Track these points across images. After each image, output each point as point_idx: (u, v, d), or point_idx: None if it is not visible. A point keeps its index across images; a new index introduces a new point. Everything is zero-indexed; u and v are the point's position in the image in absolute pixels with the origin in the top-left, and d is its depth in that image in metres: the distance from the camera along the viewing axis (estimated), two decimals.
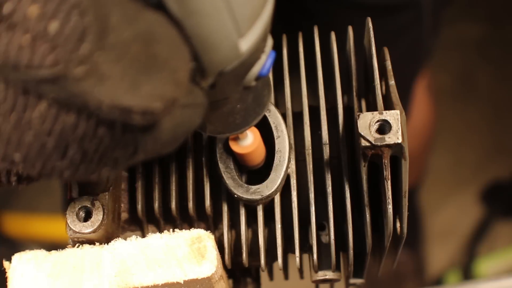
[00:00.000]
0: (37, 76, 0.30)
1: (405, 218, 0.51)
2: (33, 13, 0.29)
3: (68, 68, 0.30)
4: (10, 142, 0.33)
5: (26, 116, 0.32)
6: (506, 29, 1.91)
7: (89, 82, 0.30)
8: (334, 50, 0.56)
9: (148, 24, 0.32)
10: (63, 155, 0.33)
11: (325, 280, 0.55)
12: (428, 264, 1.68)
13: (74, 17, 0.30)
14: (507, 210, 1.74)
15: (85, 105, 0.31)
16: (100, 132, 0.33)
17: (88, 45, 0.30)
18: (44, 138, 0.33)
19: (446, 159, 1.79)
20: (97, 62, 0.30)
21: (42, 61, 0.30)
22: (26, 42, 0.29)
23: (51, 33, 0.30)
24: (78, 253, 0.47)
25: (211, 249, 0.46)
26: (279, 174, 0.51)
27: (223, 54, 0.36)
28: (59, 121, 0.32)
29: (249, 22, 0.36)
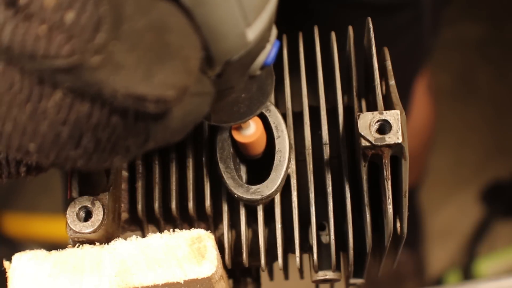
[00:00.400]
0: (53, 66, 0.30)
1: (405, 218, 0.51)
2: (50, 4, 0.30)
3: (84, 58, 0.30)
4: (25, 132, 0.33)
5: (41, 106, 0.32)
6: (506, 29, 1.91)
7: (104, 71, 0.31)
8: (334, 50, 0.56)
9: (161, 13, 0.33)
10: (77, 144, 0.34)
11: (325, 280, 0.55)
12: (428, 264, 1.68)
13: (89, 7, 0.30)
14: (507, 210, 1.74)
15: (100, 93, 0.31)
16: (114, 121, 0.33)
17: (104, 35, 0.30)
18: (59, 127, 0.33)
19: (446, 159, 1.79)
20: (112, 52, 0.31)
21: (59, 51, 0.30)
22: (42, 32, 0.30)
23: (67, 23, 0.30)
24: (78, 253, 0.47)
25: (211, 249, 0.46)
26: (279, 174, 0.51)
27: (231, 43, 0.37)
28: (74, 110, 0.32)
29: (256, 11, 0.37)
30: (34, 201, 1.76)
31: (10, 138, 0.33)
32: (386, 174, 0.46)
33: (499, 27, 1.92)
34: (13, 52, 0.30)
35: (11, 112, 0.32)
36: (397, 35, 1.06)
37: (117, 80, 0.31)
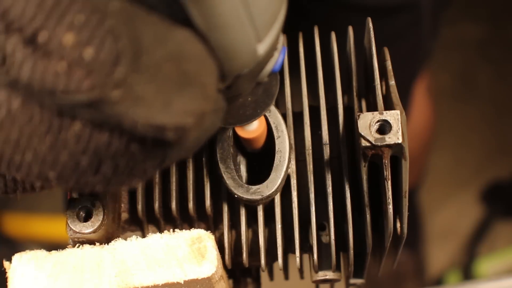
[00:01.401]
0: (73, 101, 0.30)
1: (405, 218, 0.51)
2: (69, 41, 0.30)
3: (104, 92, 0.30)
4: (45, 161, 0.33)
5: (61, 136, 0.32)
6: (507, 29, 1.91)
7: (124, 104, 0.31)
8: (334, 50, 0.56)
9: (178, 42, 0.33)
10: (97, 170, 0.34)
11: (326, 280, 0.55)
12: (428, 264, 1.68)
13: (108, 42, 0.30)
14: (507, 210, 1.74)
15: (120, 125, 0.32)
16: (132, 148, 0.33)
17: (123, 69, 0.30)
18: (78, 156, 0.33)
19: (446, 159, 1.79)
20: (132, 84, 0.31)
21: (78, 86, 0.30)
22: (62, 69, 0.30)
23: (86, 59, 0.30)
24: (78, 253, 0.47)
25: (211, 249, 0.46)
26: (279, 174, 0.51)
27: (243, 59, 0.37)
28: (93, 140, 0.33)
29: (267, 27, 0.37)
30: (34, 201, 1.76)
31: (30, 167, 0.33)
32: (386, 174, 0.46)
33: (499, 27, 1.92)
34: (32, 88, 0.30)
35: (31, 143, 0.32)
36: (397, 37, 1.07)
37: (137, 112, 0.31)
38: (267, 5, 0.36)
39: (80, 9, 0.30)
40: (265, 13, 0.36)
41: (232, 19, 0.34)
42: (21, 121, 0.32)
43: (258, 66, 0.39)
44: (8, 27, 0.30)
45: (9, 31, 0.30)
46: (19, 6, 0.30)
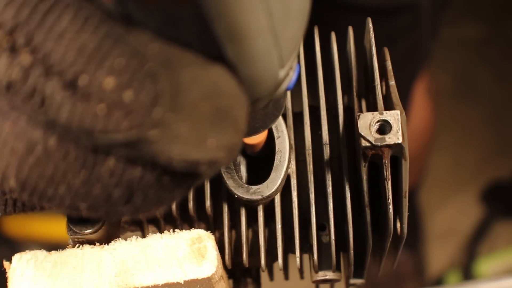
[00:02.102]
0: (111, 140, 0.31)
1: (405, 218, 0.51)
2: (109, 84, 0.30)
3: (141, 132, 0.31)
4: (77, 194, 0.33)
5: (95, 172, 0.33)
6: (507, 29, 1.91)
7: (161, 142, 0.31)
8: (334, 50, 0.56)
9: (212, 80, 0.33)
10: (127, 201, 0.34)
11: (326, 280, 0.55)
12: (428, 264, 1.68)
13: (147, 84, 0.31)
14: (507, 210, 1.74)
15: (155, 161, 0.32)
16: (164, 180, 0.34)
17: (161, 109, 0.31)
18: (111, 189, 0.33)
19: (446, 159, 1.79)
20: (168, 123, 0.31)
21: (117, 126, 0.30)
22: (101, 111, 0.30)
23: (126, 101, 0.30)
24: (78, 253, 0.47)
25: (211, 249, 0.46)
26: (280, 174, 0.51)
27: (266, 86, 0.38)
28: (126, 174, 0.33)
29: (291, 54, 0.38)
30: None
31: (62, 199, 0.34)
32: (386, 174, 0.46)
33: (499, 27, 1.92)
34: (70, 129, 0.31)
35: (65, 178, 0.33)
36: (397, 38, 1.07)
37: (172, 149, 0.32)
38: (293, 35, 0.37)
39: (121, 53, 0.30)
40: (291, 42, 0.37)
41: (263, 53, 0.34)
42: (56, 157, 0.32)
43: (276, 87, 0.39)
44: (48, 71, 0.30)
45: (49, 74, 0.30)
46: (60, 51, 0.30)
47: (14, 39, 0.30)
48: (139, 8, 0.31)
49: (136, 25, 0.31)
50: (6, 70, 0.30)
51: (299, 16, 0.36)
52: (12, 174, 0.33)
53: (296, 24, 0.36)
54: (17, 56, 0.30)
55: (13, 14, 0.30)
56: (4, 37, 0.30)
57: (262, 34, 0.33)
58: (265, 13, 0.32)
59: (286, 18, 0.34)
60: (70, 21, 0.30)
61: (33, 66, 0.30)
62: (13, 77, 0.30)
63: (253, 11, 0.31)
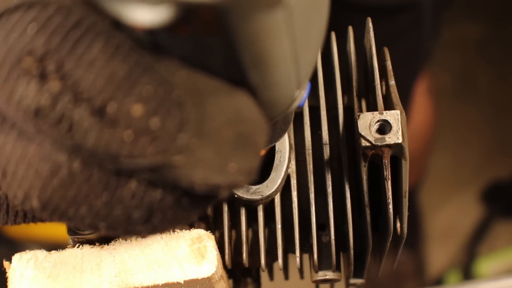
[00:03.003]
0: (135, 165, 0.31)
1: (405, 218, 0.51)
2: (137, 112, 0.31)
3: (166, 158, 0.31)
4: (98, 215, 0.34)
5: (117, 193, 0.33)
6: (507, 29, 1.91)
7: (184, 168, 0.32)
8: (334, 50, 0.56)
9: (236, 106, 0.34)
10: (146, 221, 0.35)
11: (325, 280, 0.55)
12: (428, 264, 1.68)
13: (174, 111, 0.31)
14: (507, 210, 1.74)
15: (177, 185, 0.33)
16: (184, 202, 0.34)
17: (186, 135, 0.31)
18: (131, 210, 0.34)
19: (446, 159, 1.79)
20: (192, 149, 0.32)
21: (142, 152, 0.31)
22: (128, 137, 0.31)
23: (152, 128, 0.31)
24: (78, 253, 0.47)
25: (211, 249, 0.46)
26: (279, 174, 0.51)
27: (283, 107, 0.38)
28: (147, 196, 0.33)
29: (308, 77, 0.38)
30: None
31: (82, 219, 0.34)
32: (386, 174, 0.46)
33: (499, 27, 1.92)
34: (96, 154, 0.31)
35: (87, 199, 0.33)
36: (397, 38, 1.06)
37: (195, 174, 0.32)
38: (312, 58, 0.37)
39: (149, 80, 0.31)
40: (309, 64, 0.37)
41: (284, 77, 0.35)
42: (80, 180, 0.33)
43: (290, 106, 0.40)
44: (77, 97, 0.30)
45: (77, 101, 0.30)
46: (90, 78, 0.30)
47: (44, 65, 0.30)
48: (169, 37, 0.31)
49: (165, 53, 0.32)
50: (35, 96, 0.30)
51: (318, 39, 0.37)
52: (35, 195, 0.33)
53: (315, 47, 0.37)
54: (46, 83, 0.30)
55: (44, 41, 0.30)
56: (34, 63, 0.30)
57: (285, 59, 0.33)
58: (290, 39, 0.32)
59: (307, 42, 0.35)
60: (101, 50, 0.30)
61: (62, 93, 0.30)
62: (42, 103, 0.30)
63: (279, 38, 0.31)
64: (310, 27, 0.35)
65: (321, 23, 0.36)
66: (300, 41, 0.34)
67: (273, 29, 0.31)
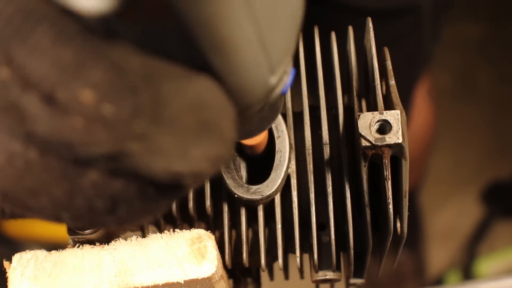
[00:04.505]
0: (91, 154, 0.30)
1: (405, 218, 0.51)
2: (88, 98, 0.30)
3: (122, 145, 0.30)
4: (60, 205, 0.33)
5: (77, 183, 0.32)
6: (507, 29, 1.91)
7: (141, 155, 0.31)
8: (334, 50, 0.56)
9: (197, 92, 0.33)
10: (111, 212, 0.34)
11: (326, 280, 0.55)
12: (428, 264, 1.68)
13: (128, 97, 0.30)
14: (507, 210, 1.74)
15: (137, 174, 0.32)
16: (149, 192, 0.34)
17: (142, 122, 0.30)
18: (93, 200, 0.33)
19: (446, 159, 1.79)
20: (150, 136, 0.31)
21: (96, 140, 0.30)
22: (79, 124, 0.30)
23: (104, 115, 0.30)
24: (78, 253, 0.47)
25: (212, 249, 0.46)
26: (280, 174, 0.51)
27: (256, 93, 0.37)
28: (109, 186, 0.33)
29: (281, 60, 0.37)
30: None
31: (44, 209, 0.34)
32: (386, 174, 0.47)
33: (499, 27, 1.92)
34: (49, 142, 0.30)
35: (47, 189, 0.33)
36: (397, 41, 1.06)
37: (154, 162, 0.31)
38: (283, 43, 0.36)
39: (98, 65, 0.30)
40: (280, 48, 0.36)
41: (251, 62, 0.34)
42: (38, 169, 0.32)
43: (268, 93, 0.39)
44: (25, 83, 0.30)
45: (26, 87, 0.30)
46: (35, 62, 0.30)
47: None
48: (121, 24, 0.30)
49: (118, 39, 0.31)
50: None
51: (289, 24, 0.36)
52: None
53: (286, 32, 0.36)
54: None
55: None
56: None
57: (248, 44, 0.32)
58: (251, 23, 0.31)
59: (274, 27, 0.34)
60: (45, 33, 0.30)
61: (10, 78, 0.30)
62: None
63: (237, 22, 0.31)
64: (275, 8, 0.33)
65: (290, 3, 0.35)
66: (264, 23, 0.32)
67: (228, 13, 0.30)
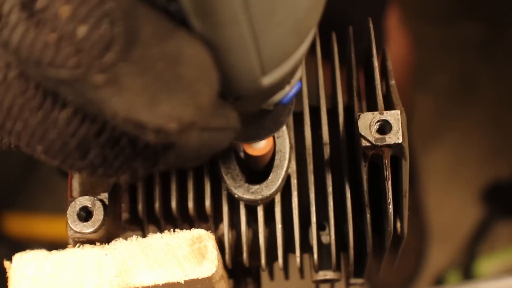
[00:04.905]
0: (56, 76, 0.30)
1: (406, 218, 0.51)
2: (64, 13, 0.30)
3: (88, 74, 0.30)
4: (34, 134, 0.34)
5: (52, 116, 0.33)
6: (507, 29, 1.91)
7: (107, 91, 0.30)
8: (334, 50, 0.56)
9: (179, 44, 0.32)
10: (84, 156, 0.34)
11: (326, 280, 0.55)
12: (428, 264, 1.68)
13: (104, 24, 0.30)
14: (507, 210, 1.74)
15: (101, 113, 0.31)
16: (122, 143, 0.34)
17: (113, 55, 0.30)
18: (67, 138, 0.34)
19: (447, 159, 1.79)
20: (119, 73, 0.30)
21: (64, 62, 0.30)
22: (52, 40, 0.30)
23: (78, 37, 0.30)
24: (79, 253, 0.47)
25: (212, 249, 0.46)
26: (280, 174, 0.51)
27: (242, 85, 0.36)
28: (83, 127, 0.33)
29: (275, 63, 0.36)
30: (35, 201, 1.76)
31: (19, 136, 0.34)
32: (386, 174, 0.47)
33: (499, 27, 1.92)
34: (20, 55, 0.30)
35: (22, 114, 0.33)
36: None
37: (119, 102, 0.31)
38: (278, 43, 0.35)
39: None
40: (274, 49, 0.35)
41: (238, 47, 0.33)
42: (15, 90, 0.33)
43: (261, 95, 0.38)
44: None
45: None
46: None
47: None
48: None
49: None
50: None
51: (287, 25, 0.34)
52: None
53: (284, 30, 0.34)
54: None
55: None
56: None
57: (235, 23, 0.32)
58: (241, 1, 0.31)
59: (268, 18, 0.33)
60: None
61: None
62: None
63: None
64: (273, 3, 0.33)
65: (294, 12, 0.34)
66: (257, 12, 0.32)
67: None
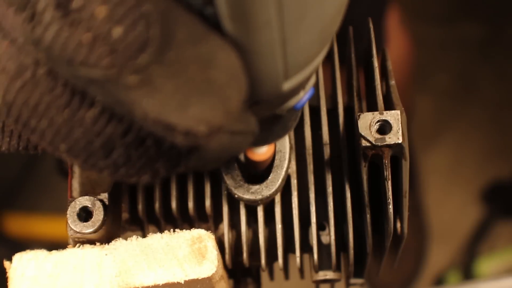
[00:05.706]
0: (88, 75, 0.30)
1: (406, 218, 0.51)
2: (101, 14, 0.29)
3: (121, 74, 0.30)
4: (59, 132, 0.34)
5: (79, 114, 0.33)
6: (507, 29, 1.91)
7: (139, 92, 0.30)
8: (334, 50, 0.56)
9: (212, 48, 0.32)
10: (107, 156, 0.34)
11: (326, 280, 0.55)
12: (428, 264, 1.68)
13: (140, 26, 0.30)
14: (507, 210, 1.74)
15: (131, 114, 0.31)
16: (148, 144, 0.33)
17: (147, 57, 0.30)
18: (92, 137, 0.33)
19: (447, 158, 1.79)
20: (152, 75, 0.30)
21: (97, 61, 0.30)
22: (86, 40, 0.30)
23: (113, 37, 0.30)
24: (79, 253, 0.47)
25: (212, 249, 0.46)
26: (280, 174, 0.51)
27: (264, 89, 0.36)
28: (109, 126, 0.33)
29: (298, 68, 0.36)
30: (35, 201, 1.76)
31: (43, 133, 0.34)
32: (386, 174, 0.47)
33: (499, 27, 1.92)
34: (52, 53, 0.30)
35: (48, 112, 0.33)
36: None
37: (150, 104, 0.31)
38: (304, 48, 0.35)
39: None
40: (300, 54, 0.35)
41: (267, 50, 0.33)
42: (43, 88, 0.33)
43: (278, 99, 0.38)
44: None
45: None
46: None
47: None
48: None
49: None
50: None
51: (314, 31, 0.35)
52: (0, 94, 0.33)
53: (310, 37, 0.35)
54: None
55: None
56: None
57: (268, 27, 0.32)
58: (275, 7, 0.31)
59: (299, 24, 0.33)
60: None
61: None
62: None
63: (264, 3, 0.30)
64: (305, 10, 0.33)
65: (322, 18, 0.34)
66: (289, 17, 0.32)
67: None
